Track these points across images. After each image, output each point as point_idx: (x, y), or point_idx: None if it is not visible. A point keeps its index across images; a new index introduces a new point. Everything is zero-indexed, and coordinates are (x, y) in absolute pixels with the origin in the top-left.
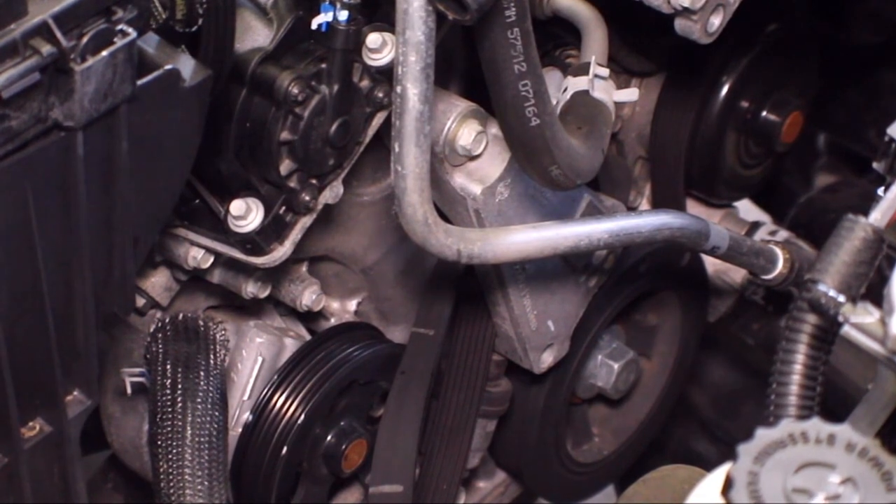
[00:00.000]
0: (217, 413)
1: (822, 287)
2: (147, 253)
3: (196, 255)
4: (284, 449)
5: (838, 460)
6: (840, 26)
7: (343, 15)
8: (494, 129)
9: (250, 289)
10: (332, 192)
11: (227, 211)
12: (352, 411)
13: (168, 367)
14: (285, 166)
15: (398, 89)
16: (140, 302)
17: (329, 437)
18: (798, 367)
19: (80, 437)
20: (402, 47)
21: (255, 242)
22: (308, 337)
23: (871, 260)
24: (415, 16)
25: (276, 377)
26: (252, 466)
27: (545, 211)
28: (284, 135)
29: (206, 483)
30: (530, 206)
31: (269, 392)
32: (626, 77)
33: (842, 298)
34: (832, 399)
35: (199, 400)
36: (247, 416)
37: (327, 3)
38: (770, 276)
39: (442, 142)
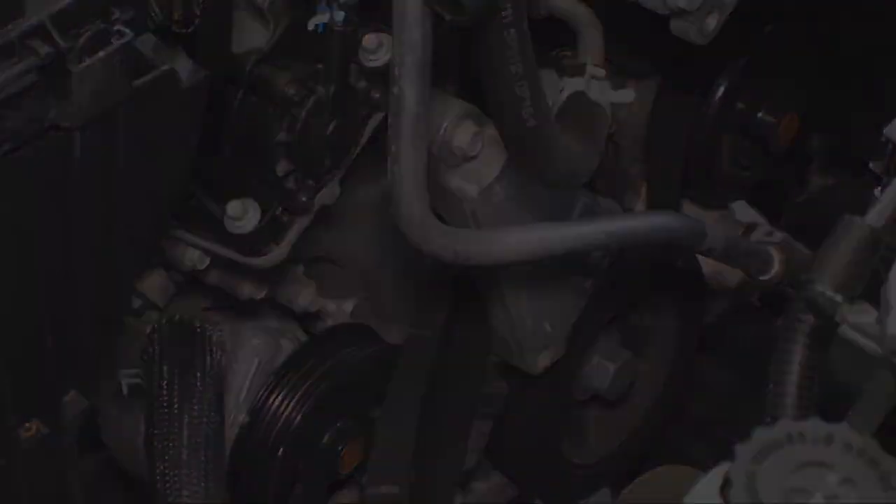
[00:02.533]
0: (214, 414)
1: (819, 287)
2: (144, 254)
3: (192, 256)
4: (281, 450)
5: (836, 460)
6: (836, 27)
7: (340, 16)
8: (491, 130)
9: (247, 290)
10: (329, 193)
11: (224, 212)
12: (348, 412)
13: (165, 368)
14: (282, 167)
15: (395, 90)
16: (137, 303)
17: (325, 439)
18: (795, 367)
19: (77, 437)
20: (399, 48)
21: (252, 243)
22: (304, 338)
23: (869, 260)
24: (411, 17)
25: (272, 378)
26: (248, 468)
27: (541, 212)
28: (281, 136)
29: (202, 484)
30: (527, 207)
31: (266, 393)
32: (622, 78)
33: (839, 298)
34: (830, 399)
35: (195, 401)
36: (243, 417)
37: (324, 3)
38: (766, 278)
39: (438, 143)
